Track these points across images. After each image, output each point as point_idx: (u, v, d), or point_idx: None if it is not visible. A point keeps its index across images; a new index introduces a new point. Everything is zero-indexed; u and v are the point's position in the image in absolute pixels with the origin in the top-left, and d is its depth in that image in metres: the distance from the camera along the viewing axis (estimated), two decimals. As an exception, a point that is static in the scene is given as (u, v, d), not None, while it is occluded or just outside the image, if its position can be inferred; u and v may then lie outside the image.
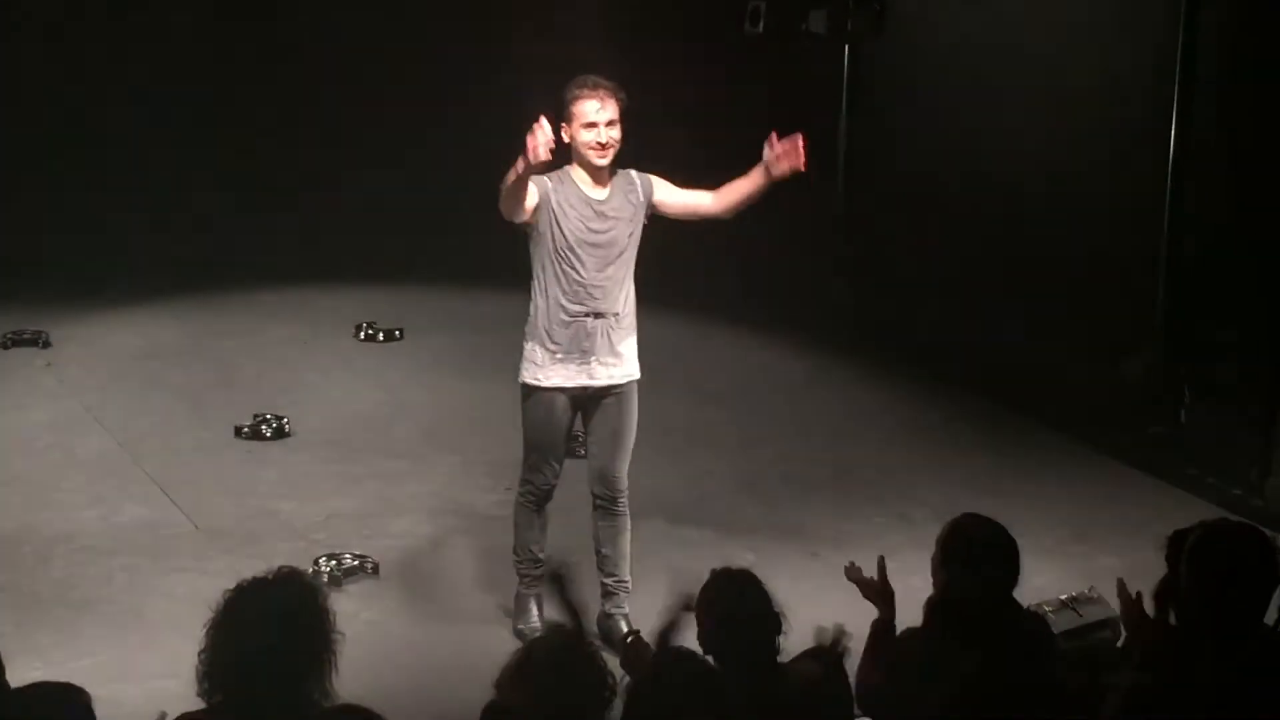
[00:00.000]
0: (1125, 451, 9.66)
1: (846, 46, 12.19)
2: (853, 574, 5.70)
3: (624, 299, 7.18)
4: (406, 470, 9.13)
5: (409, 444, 9.52)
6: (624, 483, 7.30)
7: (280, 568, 4.63)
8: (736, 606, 5.09)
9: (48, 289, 11.83)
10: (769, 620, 5.07)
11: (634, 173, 7.24)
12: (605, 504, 7.31)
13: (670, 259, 12.66)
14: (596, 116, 6.97)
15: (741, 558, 7.92)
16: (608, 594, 7.31)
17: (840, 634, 5.14)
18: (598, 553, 7.34)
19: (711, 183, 7.43)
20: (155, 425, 9.67)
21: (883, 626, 5.50)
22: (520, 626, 7.32)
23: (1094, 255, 10.39)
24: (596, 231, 7.06)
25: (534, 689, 4.49)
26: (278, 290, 12.25)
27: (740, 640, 5.02)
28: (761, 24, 11.70)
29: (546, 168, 6.86)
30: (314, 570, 7.63)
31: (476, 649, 6.94)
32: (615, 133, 7.04)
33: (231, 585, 4.70)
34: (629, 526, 7.36)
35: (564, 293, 7.05)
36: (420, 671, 7.01)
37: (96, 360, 10.74)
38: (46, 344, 10.87)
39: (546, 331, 7.08)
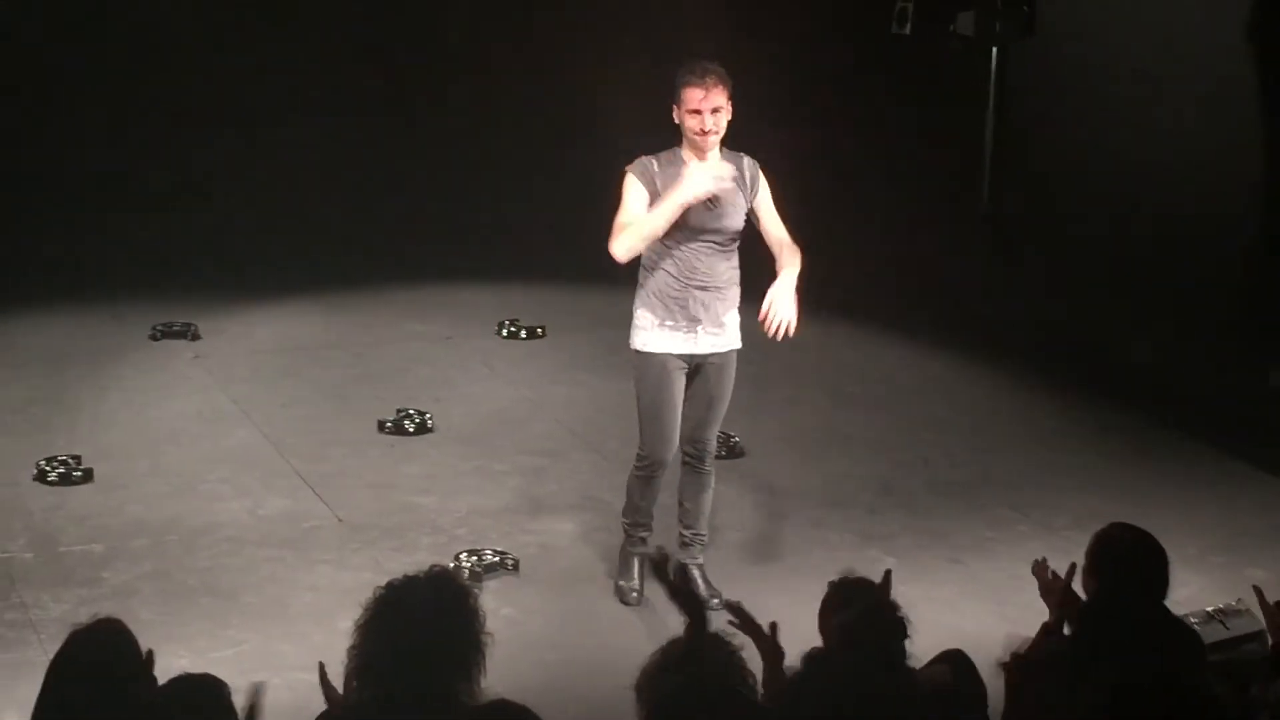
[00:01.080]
0: (1275, 464, 9.50)
1: (994, 48, 12.09)
2: (1039, 570, 5.64)
3: (729, 273, 7.42)
4: (547, 467, 9.17)
5: (550, 441, 9.55)
6: (713, 445, 7.65)
7: (433, 566, 4.65)
8: (853, 612, 5.05)
9: (196, 282, 11.98)
10: (889, 623, 5.02)
11: (747, 161, 7.46)
12: (693, 461, 7.62)
13: (810, 261, 12.69)
14: (702, 104, 7.16)
15: (881, 562, 7.91)
16: (684, 545, 7.66)
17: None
18: (680, 505, 7.69)
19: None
20: (300, 418, 9.77)
21: (1048, 632, 5.45)
22: (621, 583, 7.67)
23: (1248, 265, 10.23)
24: (707, 214, 7.26)
25: (677, 694, 4.48)
26: (421, 287, 12.33)
27: (862, 645, 4.99)
28: (909, 25, 11.65)
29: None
30: (455, 566, 7.68)
31: (616, 647, 6.96)
32: (721, 119, 7.23)
33: (373, 579, 4.74)
34: (712, 485, 7.69)
35: (674, 266, 7.30)
36: (560, 668, 7.03)
37: (243, 353, 10.87)
38: (195, 337, 11.01)
39: (657, 300, 7.34)
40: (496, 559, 7.92)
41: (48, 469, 8.74)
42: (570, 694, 6.64)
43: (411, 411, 9.68)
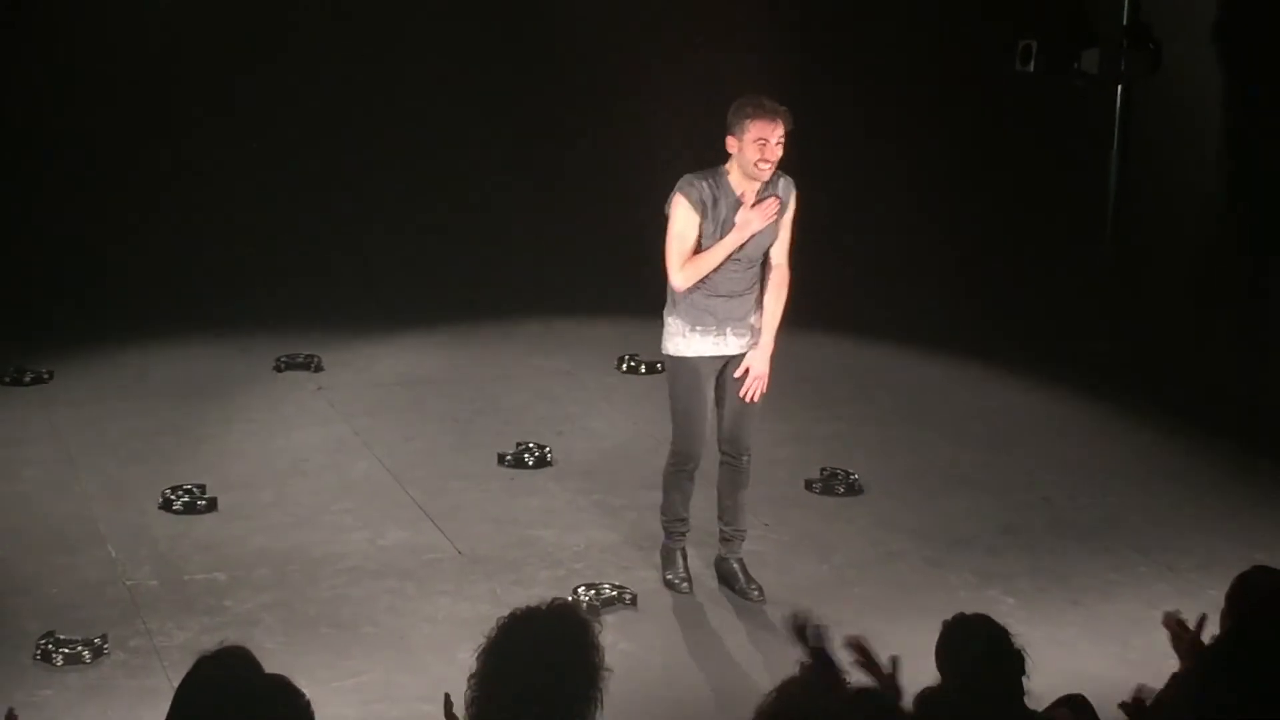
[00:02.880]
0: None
1: (1119, 86, 12.00)
2: (1170, 622, 5.58)
3: (754, 279, 7.79)
4: (665, 503, 9.16)
5: (668, 477, 9.55)
6: (749, 443, 7.95)
7: (554, 600, 4.65)
8: (972, 648, 5.01)
9: (320, 314, 12.10)
10: (1009, 661, 4.97)
11: (783, 182, 7.78)
12: (731, 460, 7.97)
13: (931, 300, 12.65)
14: (770, 136, 7.54)
15: (1001, 603, 7.86)
16: (725, 539, 8.08)
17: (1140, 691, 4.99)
18: (719, 502, 8.06)
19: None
20: (421, 451, 9.84)
21: (1178, 679, 5.38)
22: (669, 576, 8.09)
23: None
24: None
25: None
26: (542, 321, 12.40)
27: (980, 682, 4.94)
28: (1033, 63, 11.58)
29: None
30: (573, 599, 7.70)
31: (734, 684, 6.96)
32: (779, 152, 7.59)
33: (492, 611, 4.75)
34: (749, 482, 8.03)
35: (707, 280, 7.66)
36: (677, 705, 7.03)
37: (366, 385, 10.97)
38: (319, 368, 11.13)
39: (687, 308, 7.70)
40: (614, 593, 7.93)
41: (173, 498, 8.86)
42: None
43: (531, 445, 9.73)
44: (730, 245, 7.58)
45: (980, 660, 4.93)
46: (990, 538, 8.90)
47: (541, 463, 9.62)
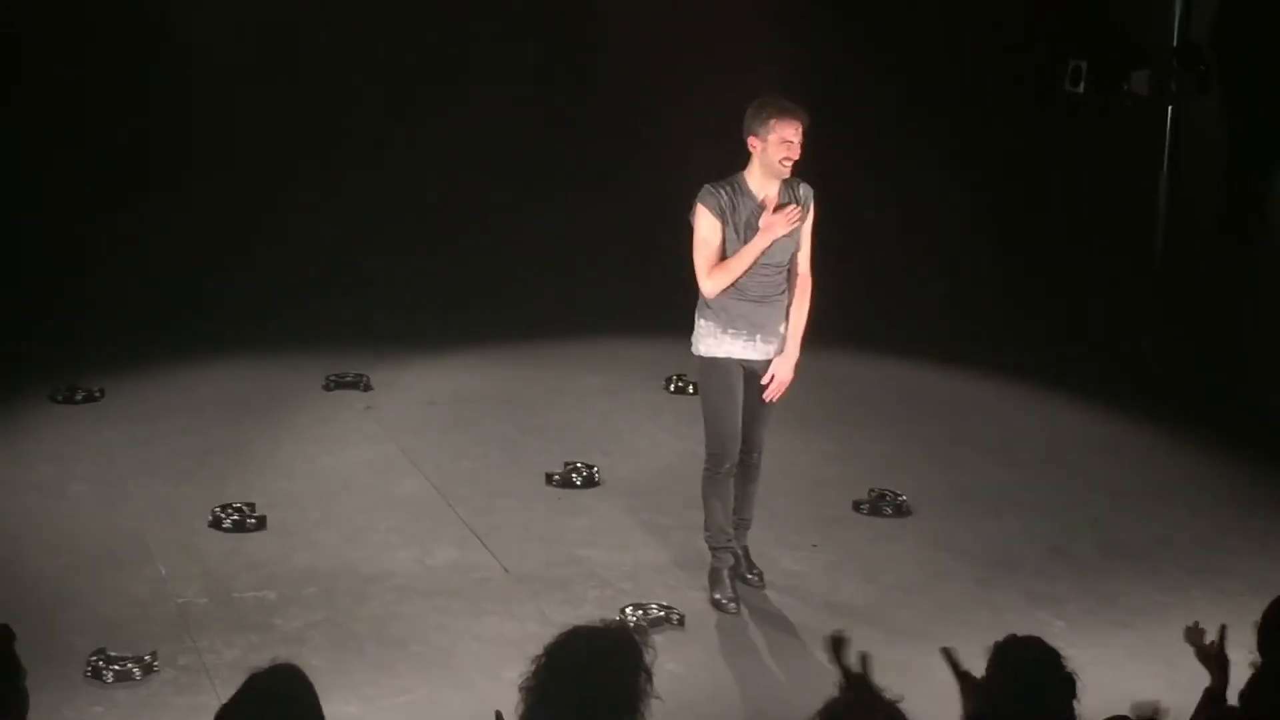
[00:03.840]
0: None
1: (1169, 107, 11.97)
2: (1192, 637, 5.56)
3: (782, 285, 7.97)
4: (713, 523, 9.16)
5: (716, 497, 9.55)
6: (763, 441, 8.21)
7: (608, 620, 4.67)
8: (1024, 669, 4.99)
9: (369, 333, 12.15)
10: (1060, 683, 4.95)
11: (803, 189, 7.98)
12: (745, 455, 8.16)
13: (980, 320, 12.63)
14: (795, 136, 7.74)
15: (1050, 625, 7.83)
16: (733, 527, 8.23)
17: (1156, 710, 4.99)
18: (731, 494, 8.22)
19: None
20: (469, 470, 9.86)
21: (1211, 697, 5.36)
22: (717, 596, 8.15)
23: None
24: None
25: None
26: (589, 341, 12.41)
27: (1030, 704, 4.92)
28: (1083, 84, 11.57)
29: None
30: (620, 619, 7.70)
31: (780, 705, 6.94)
32: (799, 150, 7.78)
33: (539, 630, 4.79)
34: (760, 477, 8.29)
35: (739, 282, 7.85)
36: (723, 725, 7.03)
37: (414, 404, 11.00)
38: (368, 387, 11.17)
39: (719, 311, 7.91)
40: (662, 613, 7.94)
41: (223, 516, 8.90)
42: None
43: (579, 465, 9.74)
44: (756, 249, 7.78)
45: (1030, 682, 4.91)
46: (1039, 559, 8.87)
47: (589, 482, 9.64)
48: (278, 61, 13.33)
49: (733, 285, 7.85)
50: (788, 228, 7.79)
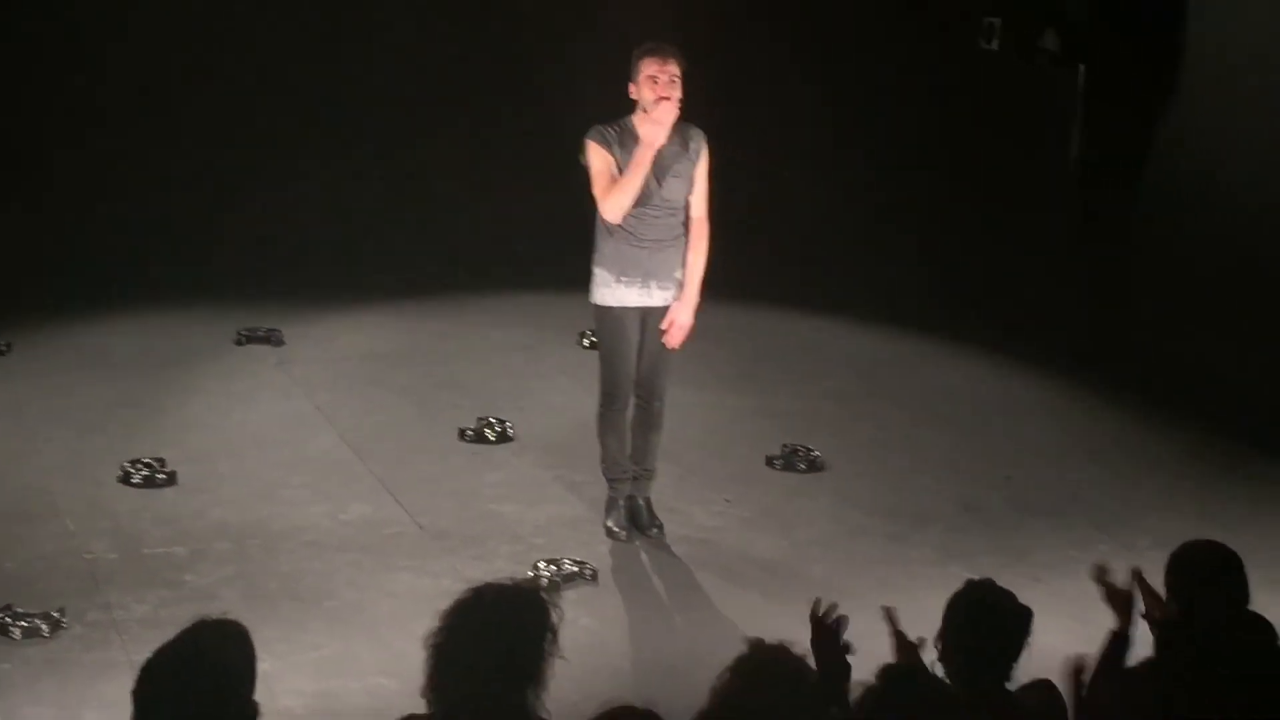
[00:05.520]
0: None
1: (1081, 64, 12.02)
2: (1100, 575, 5.61)
3: (677, 231, 8.04)
4: (627, 478, 9.16)
5: (630, 452, 9.55)
6: (663, 388, 8.27)
7: (513, 578, 4.66)
8: (990, 620, 5.02)
9: (281, 288, 12.05)
10: (1017, 639, 4.99)
11: (694, 131, 8.05)
12: (644, 403, 8.28)
13: (895, 277, 12.67)
14: (660, 73, 7.79)
15: (962, 579, 7.85)
16: (635, 479, 8.37)
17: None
18: (632, 443, 8.33)
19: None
20: (381, 425, 9.81)
21: (1115, 639, 5.42)
22: (609, 524, 8.38)
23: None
24: (652, 179, 7.87)
25: (749, 699, 4.48)
26: (503, 296, 12.37)
27: (985, 656, 4.96)
28: (996, 41, 11.60)
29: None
30: (533, 574, 7.69)
31: (694, 658, 6.94)
32: (677, 88, 7.81)
33: (452, 586, 4.76)
34: (662, 425, 8.34)
35: (628, 229, 7.93)
36: (637, 679, 7.03)
37: (326, 359, 10.93)
38: (279, 342, 11.09)
39: (614, 260, 7.99)
40: (575, 568, 7.93)
41: (132, 471, 8.81)
42: (645, 704, 6.62)
43: (493, 420, 9.71)
44: (643, 161, 7.77)
45: (980, 623, 4.96)
46: (951, 515, 8.92)
47: (503, 438, 9.61)
48: (187, 12, 13.18)
49: (626, 234, 7.91)
50: (668, 118, 7.75)
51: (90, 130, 12.89)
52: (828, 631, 4.97)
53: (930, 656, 5.05)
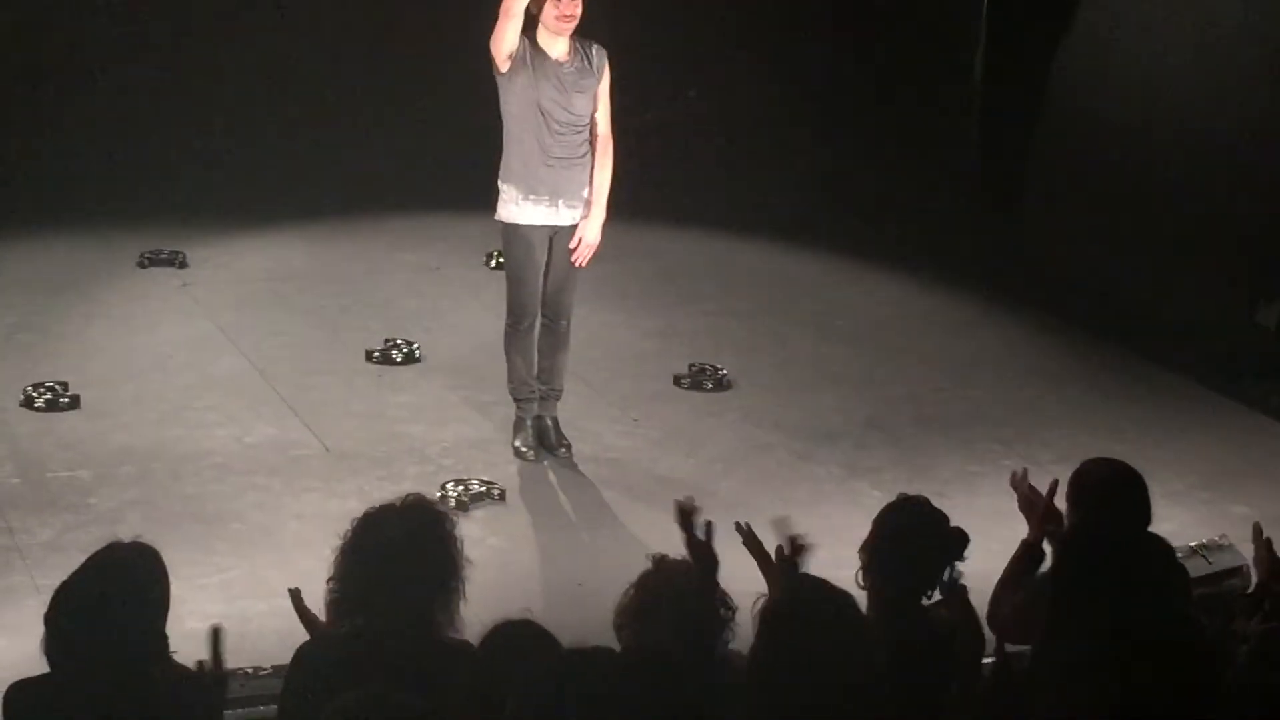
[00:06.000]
0: (1261, 401, 9.53)
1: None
2: (1018, 484, 5.67)
3: (584, 148, 8.06)
4: (534, 398, 9.17)
5: (537, 373, 9.55)
6: (569, 307, 8.30)
7: (407, 495, 4.66)
8: (919, 535, 5.08)
9: (184, 209, 11.92)
10: (946, 554, 5.05)
11: (595, 48, 8.09)
12: (550, 322, 8.29)
13: (799, 198, 12.69)
14: None
15: (867, 495, 7.95)
16: (542, 399, 8.41)
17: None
18: (539, 363, 8.35)
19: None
20: (287, 347, 9.76)
21: (1027, 550, 5.49)
22: (517, 444, 8.39)
23: (1234, 200, 10.23)
24: (559, 95, 7.94)
25: (653, 623, 4.51)
26: (410, 217, 12.29)
27: (912, 570, 5.01)
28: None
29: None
30: (441, 495, 7.70)
31: (602, 576, 6.96)
32: (579, 7, 7.87)
33: (359, 507, 4.75)
34: (569, 345, 8.40)
35: (535, 145, 7.95)
36: (546, 597, 7.07)
37: (231, 282, 10.85)
38: (183, 264, 10.99)
39: (520, 177, 8.01)
40: (483, 489, 7.94)
41: (35, 395, 8.74)
42: (555, 623, 6.64)
43: (399, 341, 9.68)
44: None
45: (914, 539, 5.01)
46: (857, 431, 8.99)
47: (409, 359, 9.59)
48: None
49: (533, 151, 7.94)
50: None
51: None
52: (689, 526, 5.04)
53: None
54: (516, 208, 8.05)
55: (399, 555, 4.43)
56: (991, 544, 6.46)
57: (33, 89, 12.70)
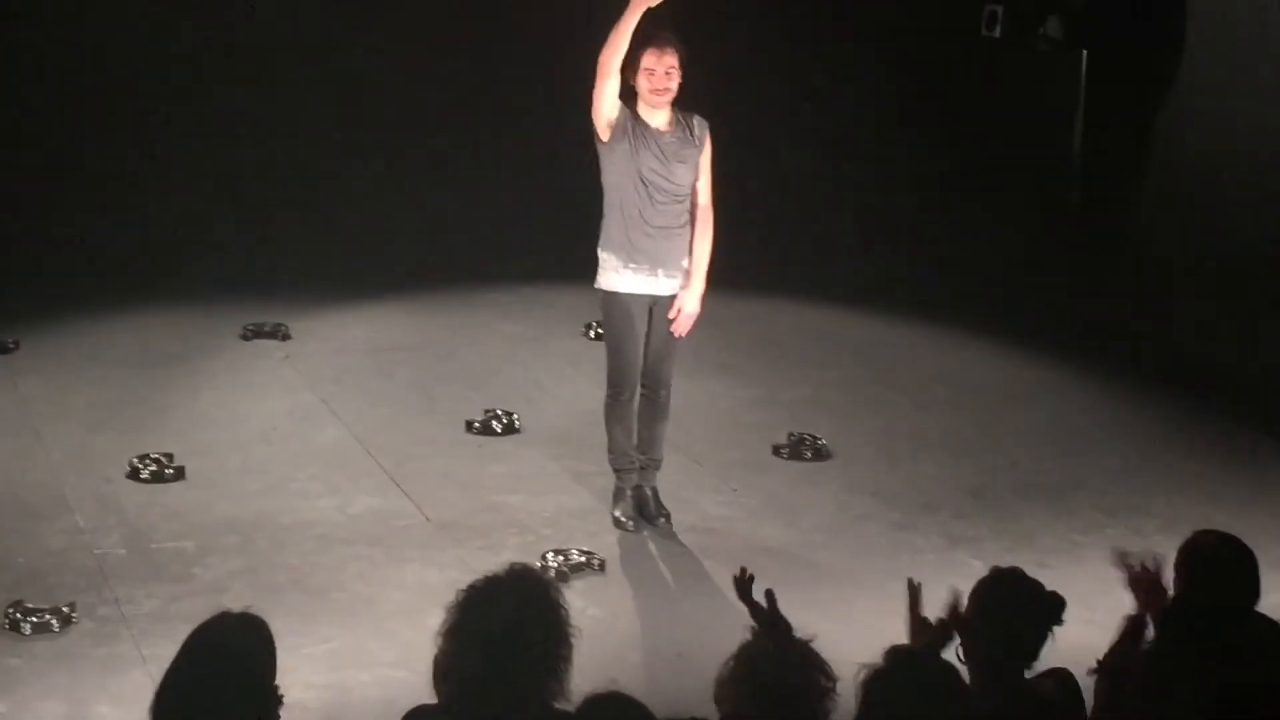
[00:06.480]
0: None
1: (1084, 51, 12.02)
2: (1122, 559, 5.62)
3: (683, 218, 8.07)
4: (633, 468, 9.18)
5: (636, 443, 9.57)
6: (669, 376, 8.30)
7: (513, 564, 4.65)
8: (1018, 610, 5.05)
9: (287, 282, 12.07)
10: (1044, 622, 5.02)
11: (697, 120, 8.10)
12: (650, 392, 8.30)
13: (897, 264, 12.68)
14: (656, 65, 7.88)
15: (968, 565, 7.90)
16: (641, 468, 8.42)
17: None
18: (639, 433, 8.37)
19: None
20: (389, 418, 9.83)
21: (1132, 624, 5.44)
22: (616, 514, 8.41)
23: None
24: (660, 165, 7.96)
25: (753, 694, 4.50)
26: (509, 289, 12.38)
27: (1011, 641, 4.98)
28: (998, 28, 11.60)
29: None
30: (541, 565, 7.71)
31: (703, 647, 6.96)
32: (674, 80, 7.92)
33: (460, 577, 4.74)
34: (669, 415, 8.39)
35: (634, 215, 7.98)
36: (647, 669, 7.05)
37: (333, 353, 10.95)
38: (286, 336, 11.11)
39: (620, 245, 8.02)
40: (583, 559, 7.95)
41: (140, 467, 8.84)
42: (655, 694, 6.64)
43: (499, 412, 9.73)
44: (630, 15, 7.68)
45: (1012, 610, 4.98)
46: (957, 501, 8.94)
47: (509, 429, 9.63)
48: (195, 7, 13.18)
49: (633, 220, 7.96)
50: None
51: (98, 128, 12.89)
52: (747, 593, 5.04)
53: (949, 639, 5.07)
54: (616, 275, 8.09)
55: (509, 625, 4.41)
56: (1095, 614, 6.43)
57: (138, 163, 12.92)
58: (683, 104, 8.08)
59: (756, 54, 13.50)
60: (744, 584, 5.09)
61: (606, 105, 7.93)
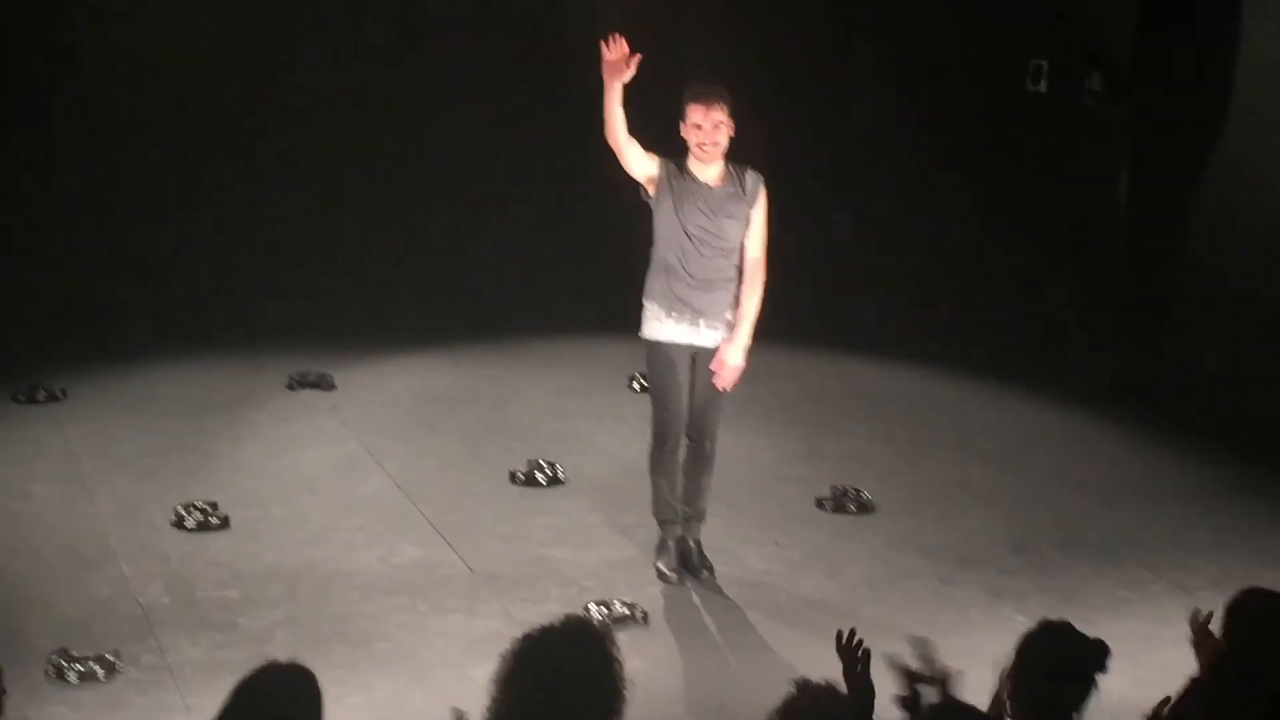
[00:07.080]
0: None
1: (1130, 106, 12.01)
2: (1195, 621, 5.59)
3: (729, 271, 8.03)
4: (676, 520, 9.18)
5: (679, 495, 9.57)
6: (714, 428, 8.27)
7: (567, 615, 4.62)
8: (1062, 660, 5.03)
9: (332, 333, 12.13)
10: (1085, 686, 4.99)
11: (750, 175, 8.07)
12: (695, 444, 8.28)
13: (941, 317, 12.66)
14: (704, 120, 7.88)
15: (1012, 620, 7.86)
16: (685, 520, 8.40)
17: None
18: (684, 485, 8.34)
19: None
20: (433, 469, 9.86)
21: (1194, 685, 5.40)
22: (660, 566, 8.39)
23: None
24: (707, 219, 7.96)
25: None
26: (553, 340, 12.43)
27: (1057, 695, 4.96)
28: (1044, 82, 11.61)
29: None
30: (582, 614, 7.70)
31: (746, 699, 6.95)
32: (722, 134, 7.91)
33: (503, 628, 4.77)
34: (713, 467, 8.34)
35: (679, 266, 7.98)
36: (688, 721, 7.05)
37: (377, 404, 11.00)
38: (330, 386, 11.16)
39: (664, 295, 8.03)
40: (626, 611, 7.94)
41: (185, 515, 8.88)
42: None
43: (543, 463, 9.75)
44: (609, 91, 7.78)
45: (1057, 663, 4.96)
46: (1001, 555, 8.91)
47: (553, 481, 9.65)
48: (244, 59, 13.27)
49: (677, 271, 7.98)
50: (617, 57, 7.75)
51: (146, 182, 12.98)
52: (854, 659, 5.00)
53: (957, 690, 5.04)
54: (659, 324, 8.09)
55: (565, 676, 4.38)
56: (1139, 671, 6.41)
57: (184, 215, 13.01)
58: (737, 157, 8.08)
59: (800, 109, 13.53)
60: (853, 656, 5.05)
61: (636, 170, 8.00)
